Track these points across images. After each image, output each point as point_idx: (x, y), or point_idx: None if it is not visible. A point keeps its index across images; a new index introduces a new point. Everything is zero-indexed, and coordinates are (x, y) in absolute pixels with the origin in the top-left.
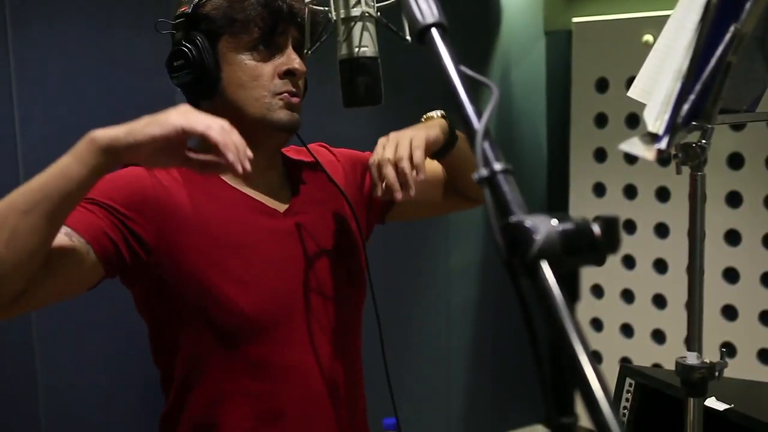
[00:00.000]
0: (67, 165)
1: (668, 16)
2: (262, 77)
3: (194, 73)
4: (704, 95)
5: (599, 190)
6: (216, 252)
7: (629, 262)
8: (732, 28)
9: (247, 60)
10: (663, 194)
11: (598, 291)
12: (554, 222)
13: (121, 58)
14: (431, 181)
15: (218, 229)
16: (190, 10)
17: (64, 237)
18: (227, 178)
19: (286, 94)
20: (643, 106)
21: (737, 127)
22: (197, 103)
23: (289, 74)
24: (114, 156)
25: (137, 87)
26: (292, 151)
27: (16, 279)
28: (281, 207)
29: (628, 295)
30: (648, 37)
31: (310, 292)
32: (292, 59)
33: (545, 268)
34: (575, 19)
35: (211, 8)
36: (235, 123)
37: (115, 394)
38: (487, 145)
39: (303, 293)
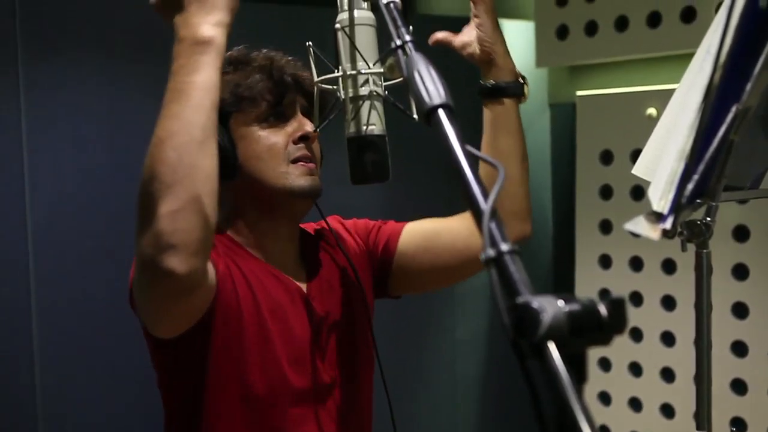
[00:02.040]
0: (209, 76)
1: (671, 89)
2: (277, 146)
3: None
4: (708, 174)
5: (605, 261)
6: (253, 320)
7: (636, 334)
8: (734, 109)
9: (258, 132)
10: (669, 266)
11: (605, 364)
12: (561, 303)
13: (130, 122)
14: (455, 237)
15: (255, 299)
16: None
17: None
18: (250, 248)
19: (302, 162)
20: (647, 179)
21: (742, 200)
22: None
23: (302, 139)
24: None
25: (146, 150)
26: (306, 227)
27: (212, 219)
28: (301, 285)
29: (635, 369)
30: (652, 111)
31: (326, 371)
32: (303, 124)
33: (552, 349)
34: (579, 93)
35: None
36: (256, 196)
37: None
38: (493, 225)
39: (321, 372)
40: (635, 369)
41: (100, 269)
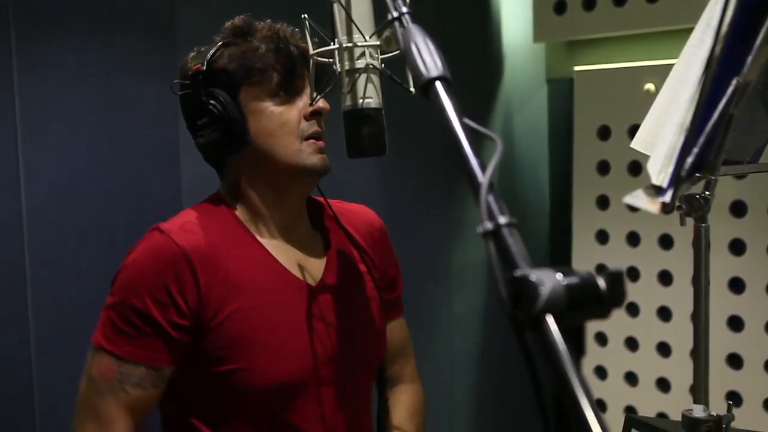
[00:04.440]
0: None
1: (669, 65)
2: (290, 122)
3: (221, 129)
4: (707, 148)
5: (602, 237)
6: (249, 316)
7: (633, 309)
8: (734, 82)
9: (271, 107)
10: (666, 241)
11: (601, 339)
12: (559, 276)
13: (126, 106)
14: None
15: (252, 295)
16: (204, 67)
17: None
18: (259, 236)
19: (313, 140)
20: (645, 154)
21: (740, 175)
22: (223, 159)
23: (315, 114)
24: None
25: (142, 135)
26: (341, 205)
27: None
28: (313, 270)
29: (632, 343)
30: (650, 86)
31: (332, 364)
32: None
33: (550, 322)
34: (577, 68)
35: (226, 61)
36: (266, 172)
37: None
38: (491, 198)
39: (325, 364)
40: (631, 343)
41: (96, 258)
